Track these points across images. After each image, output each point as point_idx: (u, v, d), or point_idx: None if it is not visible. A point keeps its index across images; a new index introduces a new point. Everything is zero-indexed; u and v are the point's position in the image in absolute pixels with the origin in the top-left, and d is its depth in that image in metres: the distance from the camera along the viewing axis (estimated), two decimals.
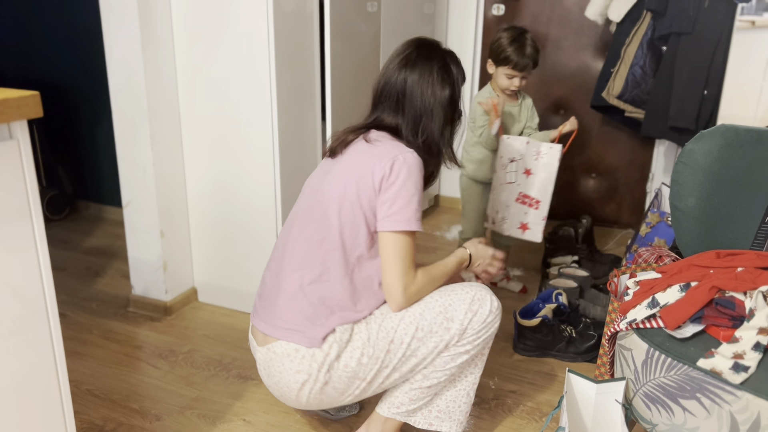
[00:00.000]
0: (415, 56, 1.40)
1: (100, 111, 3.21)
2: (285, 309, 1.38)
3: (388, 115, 1.41)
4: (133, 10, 2.02)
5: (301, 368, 1.36)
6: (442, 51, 1.45)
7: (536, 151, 2.08)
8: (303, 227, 1.40)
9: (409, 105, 1.39)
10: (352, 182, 1.35)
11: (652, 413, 1.26)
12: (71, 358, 2.05)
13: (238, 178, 2.21)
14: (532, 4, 3.19)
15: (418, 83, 1.38)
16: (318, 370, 1.35)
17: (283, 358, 1.37)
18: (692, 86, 2.52)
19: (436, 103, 1.39)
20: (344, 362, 1.36)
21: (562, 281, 2.38)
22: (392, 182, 1.31)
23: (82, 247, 2.99)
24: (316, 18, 2.20)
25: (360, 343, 1.37)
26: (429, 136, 1.40)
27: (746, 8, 2.45)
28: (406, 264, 1.34)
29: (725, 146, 1.50)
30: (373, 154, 1.35)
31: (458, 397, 1.50)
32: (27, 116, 0.99)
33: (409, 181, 1.32)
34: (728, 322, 1.22)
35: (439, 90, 1.39)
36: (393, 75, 1.40)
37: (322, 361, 1.35)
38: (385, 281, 1.35)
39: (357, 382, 1.39)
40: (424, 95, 1.38)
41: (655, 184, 3.15)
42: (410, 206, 1.32)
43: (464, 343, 1.40)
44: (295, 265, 1.39)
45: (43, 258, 1.07)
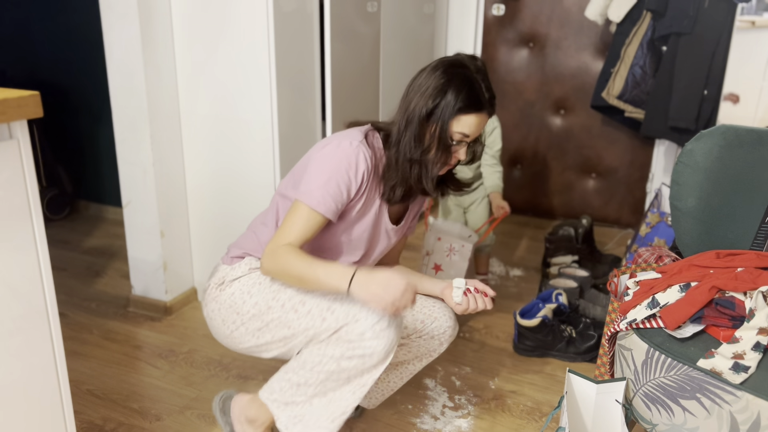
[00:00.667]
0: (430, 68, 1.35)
1: (100, 111, 3.21)
2: (239, 237, 1.54)
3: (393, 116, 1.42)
4: (133, 10, 2.02)
5: (211, 280, 1.49)
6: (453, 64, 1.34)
7: (448, 248, 2.12)
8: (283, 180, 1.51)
9: (401, 115, 1.37)
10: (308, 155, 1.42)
11: (652, 413, 1.26)
12: (71, 358, 2.05)
13: (238, 178, 2.21)
14: (532, 4, 3.19)
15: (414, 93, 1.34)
16: (214, 285, 1.47)
17: (213, 272, 1.52)
18: (692, 86, 2.52)
19: (418, 120, 1.33)
20: (233, 289, 1.44)
21: (562, 281, 2.38)
22: (315, 151, 1.36)
23: (82, 247, 2.98)
24: (316, 18, 2.20)
25: (253, 282, 1.43)
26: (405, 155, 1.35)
27: (746, 8, 2.45)
28: (287, 230, 1.32)
29: (725, 146, 1.50)
30: (331, 135, 1.41)
31: (322, 414, 1.40)
32: (27, 116, 0.99)
33: (325, 161, 1.32)
34: (728, 322, 1.22)
35: (424, 107, 1.32)
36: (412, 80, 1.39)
37: (221, 277, 1.46)
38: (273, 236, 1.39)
39: (234, 316, 1.43)
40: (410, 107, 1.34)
41: (655, 184, 3.15)
42: (314, 181, 1.32)
43: (333, 345, 1.31)
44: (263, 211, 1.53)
45: (43, 258, 1.07)
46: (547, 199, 3.46)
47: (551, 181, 3.41)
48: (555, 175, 3.39)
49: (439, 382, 1.95)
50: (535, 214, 3.53)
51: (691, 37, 2.49)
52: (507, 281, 2.68)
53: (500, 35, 3.30)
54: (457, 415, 1.79)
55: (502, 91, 3.37)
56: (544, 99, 3.30)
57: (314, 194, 1.31)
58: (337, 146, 1.33)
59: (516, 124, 3.39)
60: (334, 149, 1.33)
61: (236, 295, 1.44)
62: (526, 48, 3.27)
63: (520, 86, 3.33)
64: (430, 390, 1.90)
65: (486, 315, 2.37)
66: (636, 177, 3.23)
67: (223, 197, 2.26)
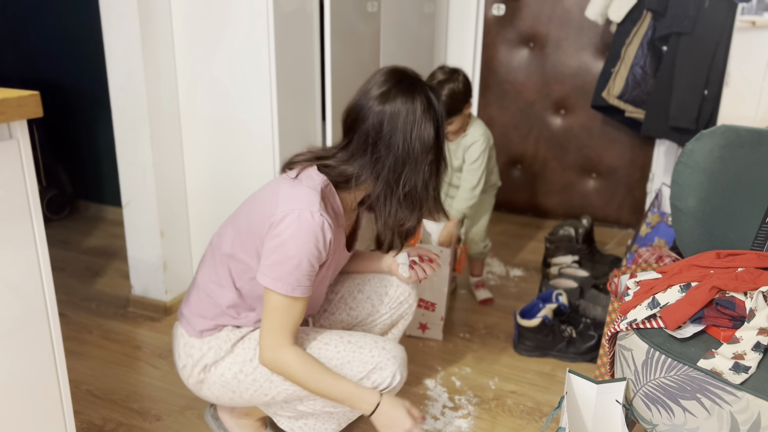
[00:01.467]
0: (394, 94, 1.20)
1: (100, 111, 3.21)
2: (190, 297, 1.41)
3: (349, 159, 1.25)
4: (133, 10, 2.02)
5: (182, 353, 1.39)
6: (422, 86, 1.24)
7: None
8: (222, 231, 1.38)
9: (385, 149, 1.20)
10: (255, 215, 1.27)
11: (653, 413, 1.26)
12: (71, 358, 2.05)
13: (238, 178, 2.21)
14: (532, 4, 3.19)
15: (398, 127, 1.19)
16: (193, 367, 1.37)
17: (178, 338, 1.41)
18: (692, 86, 2.52)
19: (422, 149, 1.21)
20: (221, 371, 1.35)
21: (563, 281, 2.38)
22: (276, 235, 1.19)
23: (82, 247, 2.98)
24: (316, 18, 2.20)
25: (242, 358, 1.34)
26: (412, 187, 1.23)
27: (746, 8, 2.45)
28: (274, 324, 1.23)
29: (726, 146, 1.50)
30: (283, 197, 1.22)
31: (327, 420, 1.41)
32: (27, 116, 0.99)
33: (291, 242, 1.18)
34: (728, 322, 1.22)
35: (425, 133, 1.21)
36: (366, 111, 1.21)
37: (198, 359, 1.36)
38: (262, 336, 1.27)
39: (230, 393, 1.36)
40: (406, 141, 1.19)
41: (656, 185, 3.15)
42: (284, 267, 1.19)
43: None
44: (205, 262, 1.40)
45: (42, 258, 1.07)
46: (548, 199, 3.46)
47: (551, 181, 3.41)
48: (555, 175, 3.39)
49: (439, 382, 1.95)
50: (536, 214, 3.53)
51: (692, 37, 2.49)
52: (507, 281, 2.68)
53: (500, 35, 3.30)
54: (458, 415, 1.79)
55: (502, 91, 3.37)
56: (545, 99, 3.29)
57: (289, 281, 1.20)
58: (298, 223, 1.18)
59: (516, 124, 3.39)
60: (297, 228, 1.18)
61: (227, 376, 1.35)
62: (526, 48, 3.27)
63: (520, 86, 3.33)
64: (430, 390, 1.90)
65: (486, 315, 2.37)
66: (636, 177, 3.23)
67: (223, 197, 2.26)
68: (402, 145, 1.20)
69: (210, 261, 1.38)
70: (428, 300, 2.15)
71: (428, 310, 2.16)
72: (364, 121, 1.22)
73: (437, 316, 2.15)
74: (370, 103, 1.22)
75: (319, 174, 1.27)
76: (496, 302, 2.48)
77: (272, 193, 1.26)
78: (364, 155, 1.24)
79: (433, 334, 2.18)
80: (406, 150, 1.21)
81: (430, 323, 2.17)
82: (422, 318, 2.17)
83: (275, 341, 1.24)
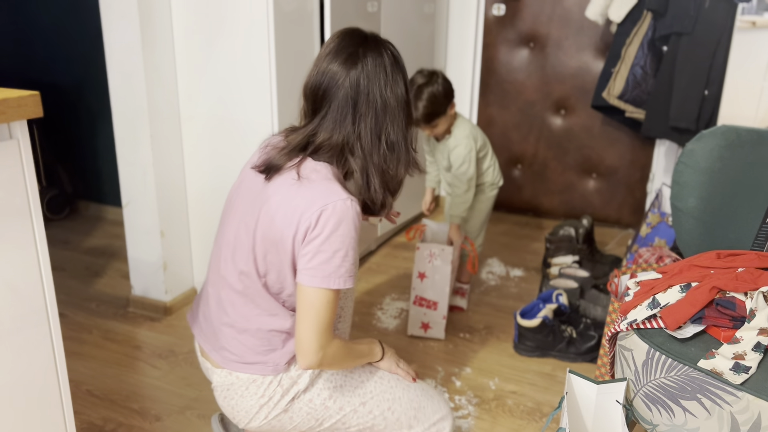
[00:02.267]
0: (363, 53, 1.21)
1: (100, 111, 3.21)
2: (235, 344, 1.28)
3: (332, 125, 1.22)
4: (133, 10, 2.02)
5: (266, 393, 1.28)
6: (386, 43, 1.27)
7: (429, 254, 2.12)
8: (233, 265, 1.28)
9: (365, 107, 1.21)
10: (275, 231, 1.21)
11: (653, 414, 1.26)
12: (71, 358, 2.05)
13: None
14: (532, 4, 3.19)
15: (376, 82, 1.21)
16: (282, 396, 1.28)
17: (249, 383, 1.28)
18: (693, 86, 2.51)
19: (397, 101, 1.24)
20: (310, 396, 1.30)
21: (563, 281, 2.38)
22: (316, 235, 1.16)
23: (82, 247, 2.98)
24: (316, 18, 2.20)
25: (333, 384, 1.32)
26: (394, 141, 1.24)
27: (747, 8, 2.45)
28: (323, 323, 1.19)
29: (726, 146, 1.50)
30: (304, 199, 1.18)
31: None
32: (27, 116, 0.99)
33: (334, 235, 1.16)
34: (729, 322, 1.22)
35: (398, 88, 1.24)
36: (339, 73, 1.20)
37: (288, 387, 1.29)
38: (298, 336, 1.20)
39: (312, 422, 1.33)
40: (383, 94, 1.21)
41: (656, 185, 3.15)
42: (332, 262, 1.17)
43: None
44: (235, 304, 1.29)
45: (42, 258, 1.07)
46: (548, 199, 3.46)
47: (552, 181, 3.41)
48: (555, 175, 3.39)
49: (439, 382, 1.95)
50: (536, 215, 3.53)
51: (692, 37, 2.49)
52: (507, 281, 2.68)
53: (501, 35, 3.30)
54: (458, 415, 1.79)
55: (502, 91, 3.37)
56: (545, 99, 3.29)
57: (339, 274, 1.18)
58: (336, 215, 1.16)
59: (516, 124, 3.39)
60: (336, 220, 1.16)
61: (315, 402, 1.31)
62: (526, 48, 3.27)
63: (520, 86, 3.33)
64: None
65: (486, 315, 2.37)
66: (636, 177, 3.23)
67: (223, 197, 2.26)
68: (380, 100, 1.21)
69: (239, 299, 1.28)
70: (430, 299, 2.14)
71: (430, 309, 2.15)
72: (339, 88, 1.20)
73: (439, 314, 2.15)
74: (339, 68, 1.21)
75: (318, 162, 1.24)
76: (496, 302, 2.48)
77: (289, 204, 1.20)
78: (345, 119, 1.22)
79: (436, 333, 2.18)
80: (384, 105, 1.22)
81: (432, 322, 2.16)
82: (424, 317, 2.17)
83: (326, 338, 1.20)
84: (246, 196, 1.29)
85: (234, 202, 1.32)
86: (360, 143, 1.23)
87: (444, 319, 2.16)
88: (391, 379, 1.38)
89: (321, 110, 1.23)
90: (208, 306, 1.35)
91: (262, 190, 1.25)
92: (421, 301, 2.15)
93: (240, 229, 1.27)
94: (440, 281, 2.12)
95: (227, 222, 1.32)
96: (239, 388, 1.29)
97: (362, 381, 1.35)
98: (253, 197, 1.26)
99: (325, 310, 1.19)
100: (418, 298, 2.16)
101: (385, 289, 2.58)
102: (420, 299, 2.15)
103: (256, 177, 1.28)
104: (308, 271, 1.17)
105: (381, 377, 1.37)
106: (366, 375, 1.36)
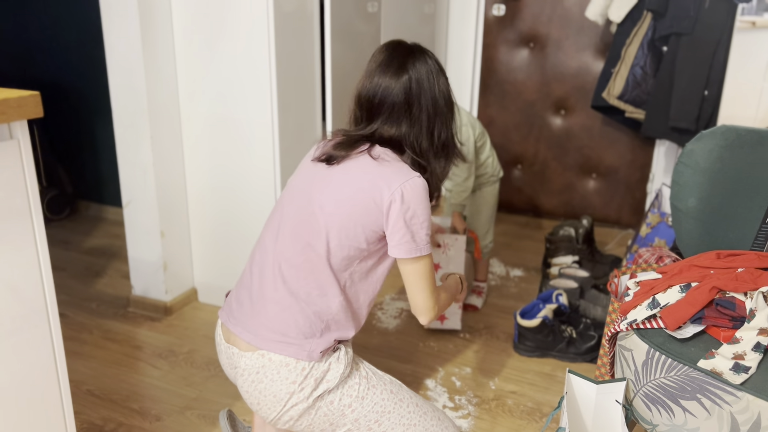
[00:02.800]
0: (413, 62, 1.35)
1: (100, 111, 3.21)
2: (278, 321, 1.32)
3: (390, 127, 1.35)
4: (133, 10, 2.02)
5: (297, 379, 1.30)
6: (428, 51, 1.41)
7: (443, 243, 2.10)
8: (294, 239, 1.34)
9: (418, 110, 1.34)
10: (356, 201, 1.29)
11: (653, 414, 1.26)
12: (71, 358, 2.05)
13: (238, 178, 2.21)
14: (532, 5, 3.19)
15: (426, 86, 1.34)
16: (312, 390, 1.30)
17: (281, 366, 1.30)
18: (693, 87, 2.52)
19: (445, 101, 1.37)
20: (332, 398, 1.32)
21: (563, 282, 2.38)
22: (405, 210, 1.28)
23: (83, 247, 2.98)
24: (316, 18, 2.20)
25: (356, 393, 1.34)
26: (446, 135, 1.39)
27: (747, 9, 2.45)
28: (431, 284, 1.36)
29: (726, 147, 1.50)
30: (381, 175, 1.29)
31: None
32: (27, 116, 0.99)
33: (419, 208, 1.30)
34: (728, 322, 1.22)
35: (443, 87, 1.37)
36: (392, 83, 1.33)
37: (319, 380, 1.31)
38: (415, 303, 1.36)
39: (326, 425, 1.34)
40: (433, 96, 1.35)
41: (656, 185, 3.15)
42: (422, 231, 1.31)
43: None
44: (288, 277, 1.34)
45: (43, 258, 1.07)
46: (548, 200, 3.46)
47: (552, 181, 3.41)
48: (555, 175, 3.39)
49: (439, 382, 1.95)
50: (536, 215, 3.53)
51: (692, 37, 2.49)
52: (507, 281, 2.68)
53: (501, 35, 3.30)
54: (458, 415, 1.79)
55: (502, 92, 3.37)
56: (545, 99, 3.29)
57: (426, 241, 1.33)
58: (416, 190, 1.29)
59: (516, 124, 3.39)
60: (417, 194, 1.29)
61: (335, 405, 1.33)
62: (526, 48, 3.27)
63: (520, 86, 3.33)
64: (431, 390, 1.90)
65: (486, 316, 2.37)
66: (636, 177, 3.23)
67: (224, 197, 2.26)
68: (431, 101, 1.35)
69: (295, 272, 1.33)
70: None
71: None
72: (393, 96, 1.33)
73: (455, 304, 2.12)
74: (391, 79, 1.34)
75: (385, 149, 1.35)
76: (496, 302, 2.48)
77: (369, 177, 1.30)
78: (401, 121, 1.35)
79: (452, 324, 2.15)
80: (434, 105, 1.35)
81: (448, 312, 2.12)
82: None
83: (436, 294, 1.37)
84: (309, 180, 1.37)
85: (293, 187, 1.40)
86: (416, 140, 1.36)
87: (460, 308, 2.14)
88: (410, 404, 1.39)
89: (378, 116, 1.36)
90: (251, 287, 1.38)
91: (329, 174, 1.34)
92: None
93: (303, 208, 1.34)
94: (455, 270, 2.10)
95: (286, 203, 1.39)
96: (271, 371, 1.31)
97: (383, 399, 1.36)
98: (320, 179, 1.35)
99: (430, 272, 1.35)
100: None
101: (385, 288, 2.58)
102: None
103: (317, 165, 1.38)
104: (406, 245, 1.30)
105: (401, 400, 1.38)
106: (387, 394, 1.37)
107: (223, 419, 1.56)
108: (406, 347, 2.14)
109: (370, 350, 2.12)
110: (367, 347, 2.14)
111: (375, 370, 1.42)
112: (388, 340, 2.19)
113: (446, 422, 1.45)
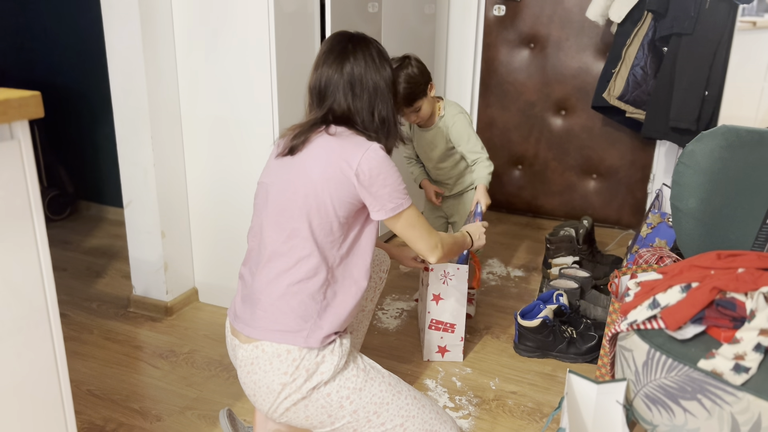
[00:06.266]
0: (353, 48, 1.45)
1: (100, 111, 3.21)
2: (273, 310, 1.35)
3: (338, 106, 1.43)
4: (134, 10, 2.02)
5: (289, 370, 1.32)
6: (371, 39, 1.51)
7: (443, 274, 1.99)
8: (278, 231, 1.38)
9: (360, 89, 1.44)
10: (327, 177, 1.35)
11: (653, 414, 1.26)
12: (72, 358, 2.05)
13: (239, 178, 2.21)
14: (532, 5, 3.19)
15: (366, 70, 1.44)
16: (305, 381, 1.32)
17: (273, 357, 1.32)
18: (693, 87, 2.52)
19: (384, 85, 1.46)
20: (328, 390, 1.33)
21: (563, 282, 2.38)
22: (375, 176, 1.36)
23: (83, 248, 2.99)
24: (316, 18, 2.20)
25: (353, 385, 1.35)
26: (384, 116, 1.47)
27: (747, 9, 2.45)
28: (425, 229, 1.47)
29: (726, 147, 1.50)
30: (343, 148, 1.37)
31: None
32: (28, 116, 0.99)
33: (385, 168, 1.38)
34: (729, 323, 1.22)
35: (385, 73, 1.46)
36: (334, 71, 1.43)
37: (312, 372, 1.32)
38: (418, 250, 1.49)
39: (324, 416, 1.35)
40: (373, 79, 1.44)
41: (656, 185, 3.15)
42: (398, 188, 1.40)
43: None
44: (278, 268, 1.36)
45: (43, 258, 1.07)
46: (548, 200, 3.46)
47: (552, 181, 3.41)
48: (556, 175, 3.39)
49: (439, 382, 1.95)
50: (536, 215, 3.53)
51: (692, 37, 2.49)
52: (507, 282, 2.68)
53: (501, 36, 3.30)
54: (458, 415, 1.79)
55: (502, 92, 3.37)
56: (545, 99, 3.29)
57: (405, 193, 1.43)
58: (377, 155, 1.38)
59: (517, 124, 3.39)
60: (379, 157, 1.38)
61: (332, 398, 1.34)
62: (527, 48, 3.27)
63: (520, 87, 3.33)
64: (431, 390, 1.90)
65: (486, 316, 2.37)
66: (637, 178, 3.23)
67: (224, 197, 2.26)
68: (372, 84, 1.44)
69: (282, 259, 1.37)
70: (447, 321, 2.02)
71: (447, 332, 2.03)
72: (338, 81, 1.43)
73: (457, 337, 2.04)
74: (334, 66, 1.43)
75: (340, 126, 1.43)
76: (496, 302, 2.48)
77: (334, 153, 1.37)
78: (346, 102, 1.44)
79: (454, 357, 2.07)
80: (375, 87, 1.44)
81: (449, 345, 2.05)
82: (440, 341, 2.04)
83: (434, 237, 1.49)
84: (278, 174, 1.43)
85: (266, 185, 1.46)
86: (360, 116, 1.44)
87: (462, 341, 2.04)
88: (408, 397, 1.40)
89: (327, 100, 1.44)
90: (245, 283, 1.45)
91: (295, 160, 1.40)
92: (437, 324, 2.02)
93: (279, 200, 1.39)
94: (456, 303, 2.01)
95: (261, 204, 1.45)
96: (263, 362, 1.33)
97: (382, 391, 1.37)
98: (288, 168, 1.41)
99: (418, 219, 1.45)
100: (434, 322, 2.02)
101: (385, 289, 2.58)
102: (436, 323, 2.02)
103: (283, 160, 1.44)
104: (384, 204, 1.38)
105: (400, 392, 1.40)
106: (386, 386, 1.39)
107: (223, 419, 1.57)
108: (406, 347, 2.14)
109: (370, 350, 2.12)
110: (367, 347, 2.14)
111: (374, 363, 1.43)
112: (388, 340, 2.19)
113: (444, 416, 1.46)
